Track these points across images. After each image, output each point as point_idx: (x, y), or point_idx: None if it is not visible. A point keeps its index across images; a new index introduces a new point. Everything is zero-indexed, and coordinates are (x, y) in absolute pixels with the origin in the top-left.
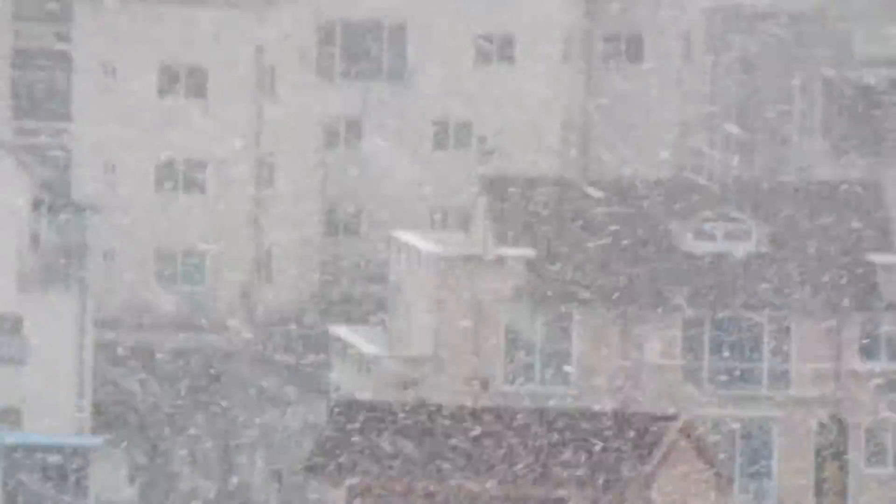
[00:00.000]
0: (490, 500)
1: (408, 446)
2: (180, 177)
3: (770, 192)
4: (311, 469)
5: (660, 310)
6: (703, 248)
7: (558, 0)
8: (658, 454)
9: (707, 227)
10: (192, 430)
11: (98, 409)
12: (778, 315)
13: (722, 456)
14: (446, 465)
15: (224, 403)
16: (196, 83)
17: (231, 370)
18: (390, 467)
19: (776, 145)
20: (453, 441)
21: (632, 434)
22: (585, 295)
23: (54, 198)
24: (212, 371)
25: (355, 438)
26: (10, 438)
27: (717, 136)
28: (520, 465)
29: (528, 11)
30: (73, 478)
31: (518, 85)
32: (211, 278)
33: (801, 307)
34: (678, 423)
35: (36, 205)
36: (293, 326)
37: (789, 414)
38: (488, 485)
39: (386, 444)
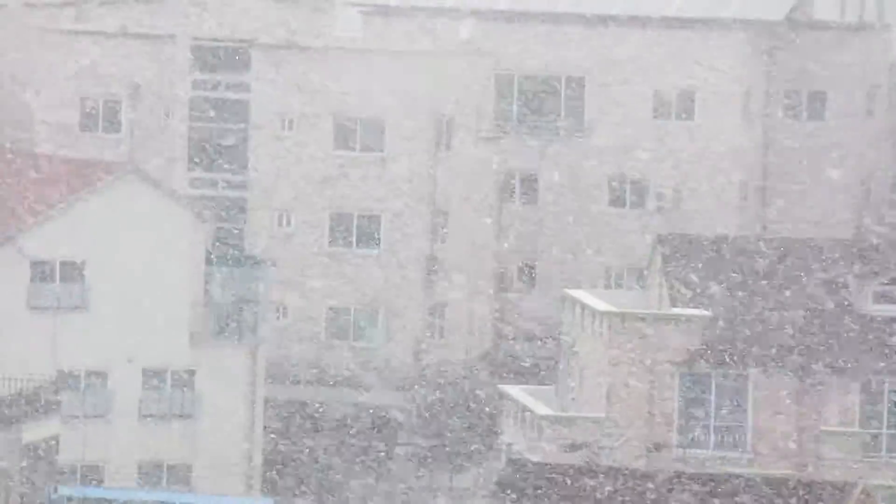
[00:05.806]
0: None
1: None
2: (354, 230)
3: None
4: None
5: (838, 375)
6: (883, 311)
7: (739, 55)
8: None
9: (887, 289)
10: (363, 492)
11: (268, 467)
12: None
13: None
14: None
15: (396, 463)
16: (371, 136)
17: (404, 429)
18: None
19: None
20: None
21: (808, 502)
22: (762, 358)
23: (228, 250)
24: (384, 430)
25: (527, 502)
26: (181, 500)
27: None
28: None
29: (707, 66)
30: None
31: (696, 141)
32: (383, 335)
33: None
34: (856, 493)
35: (210, 258)
36: (465, 385)
37: None
38: None
39: None
